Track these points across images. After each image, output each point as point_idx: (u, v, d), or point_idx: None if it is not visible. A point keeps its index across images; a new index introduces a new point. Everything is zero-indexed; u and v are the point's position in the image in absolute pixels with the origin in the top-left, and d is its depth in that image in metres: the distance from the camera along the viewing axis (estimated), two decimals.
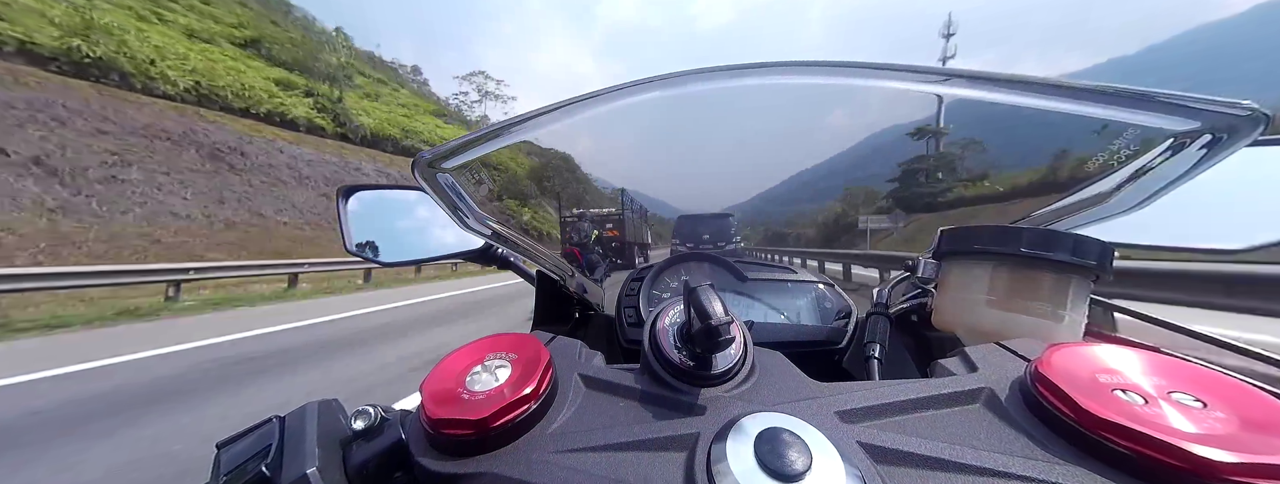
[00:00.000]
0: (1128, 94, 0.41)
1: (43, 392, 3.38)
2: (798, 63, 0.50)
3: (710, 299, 0.30)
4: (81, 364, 4.03)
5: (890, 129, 0.75)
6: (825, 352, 0.67)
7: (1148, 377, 0.28)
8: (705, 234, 1.19)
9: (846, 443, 0.26)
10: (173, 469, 2.29)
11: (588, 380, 0.34)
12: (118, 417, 2.90)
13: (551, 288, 0.78)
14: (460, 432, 0.28)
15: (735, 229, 1.19)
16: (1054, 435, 0.26)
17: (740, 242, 1.16)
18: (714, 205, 1.17)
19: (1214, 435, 0.23)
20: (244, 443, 0.32)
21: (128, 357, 4.27)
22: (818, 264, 1.07)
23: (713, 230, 1.19)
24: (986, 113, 0.56)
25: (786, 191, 1.01)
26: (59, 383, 3.60)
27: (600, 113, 0.54)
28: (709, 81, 0.53)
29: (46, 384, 3.56)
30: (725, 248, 1.10)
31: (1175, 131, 0.44)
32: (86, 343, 4.88)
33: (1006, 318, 0.46)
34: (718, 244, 1.10)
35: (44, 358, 4.18)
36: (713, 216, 1.27)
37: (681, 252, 0.88)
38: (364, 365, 4.08)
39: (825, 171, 0.93)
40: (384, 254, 0.78)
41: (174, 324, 6.01)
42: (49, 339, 5.14)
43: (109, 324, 5.94)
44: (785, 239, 1.20)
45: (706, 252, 0.88)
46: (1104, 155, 0.52)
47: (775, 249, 1.19)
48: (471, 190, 0.61)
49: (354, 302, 8.13)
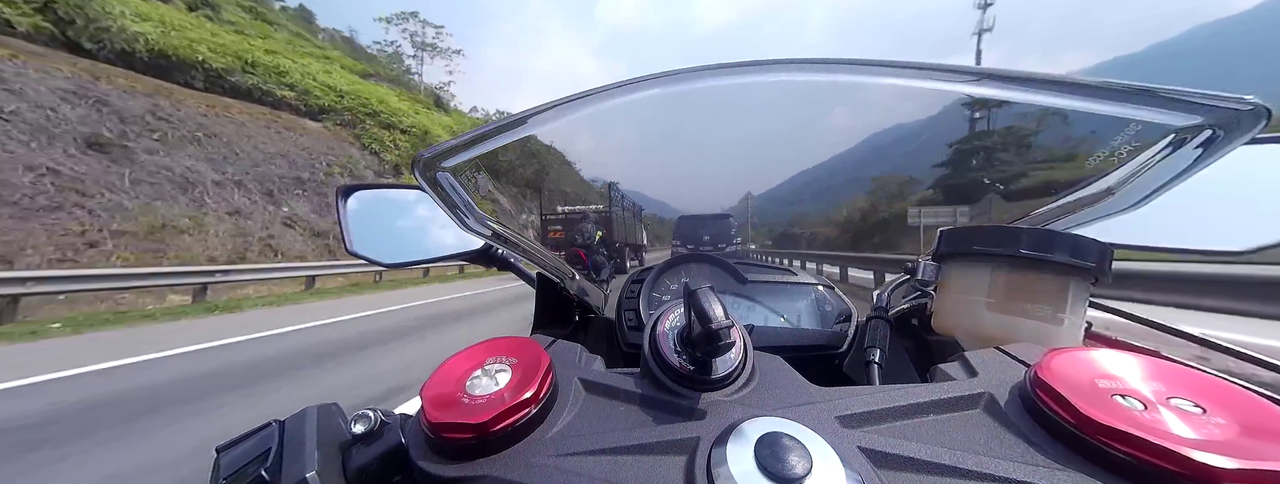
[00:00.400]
0: (1127, 89, 0.41)
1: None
2: (797, 60, 0.50)
3: (710, 302, 0.30)
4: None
5: (892, 128, 0.74)
6: (825, 356, 0.67)
7: (1147, 382, 0.28)
8: (705, 235, 1.18)
9: (847, 448, 0.26)
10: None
11: (588, 384, 0.34)
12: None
13: (552, 290, 0.78)
14: (460, 435, 0.28)
15: (735, 230, 1.19)
16: (1054, 441, 0.26)
17: (740, 242, 1.15)
18: (714, 205, 1.17)
19: (1213, 441, 0.23)
20: (243, 447, 0.32)
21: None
22: (840, 270, 1.04)
23: (713, 231, 1.19)
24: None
25: (789, 191, 1.00)
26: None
27: (601, 110, 0.54)
28: (711, 79, 0.53)
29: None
30: (725, 249, 1.10)
31: (1175, 127, 0.44)
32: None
33: (1006, 321, 0.46)
34: (718, 245, 1.10)
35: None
36: (712, 217, 1.27)
37: (682, 253, 0.87)
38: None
39: (826, 171, 0.91)
40: (385, 255, 0.78)
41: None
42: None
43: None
44: (796, 241, 1.19)
45: (706, 253, 0.87)
46: (1103, 152, 0.52)
47: (781, 251, 1.18)
48: (471, 190, 0.61)
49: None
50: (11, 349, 4.68)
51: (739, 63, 0.51)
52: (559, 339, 0.40)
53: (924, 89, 0.50)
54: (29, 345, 4.86)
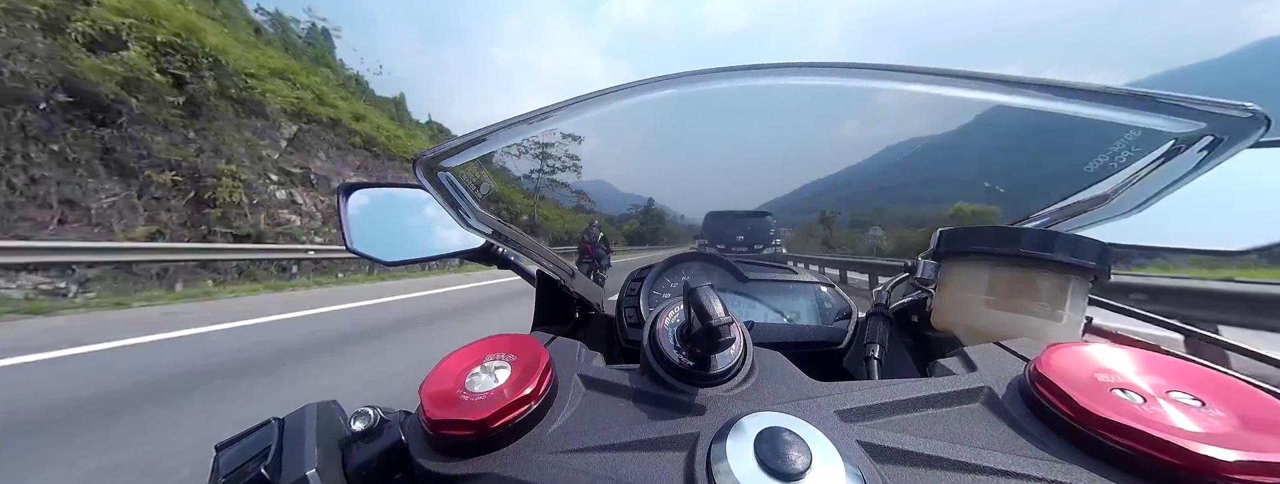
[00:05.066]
0: (1130, 95, 0.41)
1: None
2: (808, 64, 0.50)
3: (710, 299, 0.30)
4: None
5: (907, 141, 0.73)
6: (825, 352, 0.67)
7: (1146, 376, 0.28)
8: (738, 235, 1.08)
9: (846, 442, 0.26)
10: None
11: (587, 381, 0.34)
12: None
13: (552, 287, 0.78)
14: (460, 432, 0.28)
15: (774, 230, 1.10)
16: (1053, 434, 0.26)
17: (780, 245, 1.06)
18: (713, 207, 1.13)
19: (1213, 433, 0.23)
20: (243, 444, 0.32)
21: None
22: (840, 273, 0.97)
23: (747, 230, 1.08)
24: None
25: (799, 201, 0.95)
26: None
27: (606, 112, 0.54)
28: (720, 81, 0.53)
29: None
30: (762, 252, 1.01)
31: (1177, 133, 0.44)
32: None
33: (1006, 318, 0.46)
34: (754, 247, 1.00)
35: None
36: (748, 215, 1.16)
37: (709, 253, 0.84)
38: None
39: (840, 181, 0.88)
40: (386, 253, 0.78)
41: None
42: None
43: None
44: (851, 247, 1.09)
45: (739, 255, 0.83)
46: (1104, 157, 0.52)
47: (823, 259, 1.11)
48: (473, 189, 0.61)
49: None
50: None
51: (747, 66, 0.51)
52: (559, 336, 0.40)
53: (931, 94, 0.50)
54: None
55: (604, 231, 7.83)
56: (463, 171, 0.58)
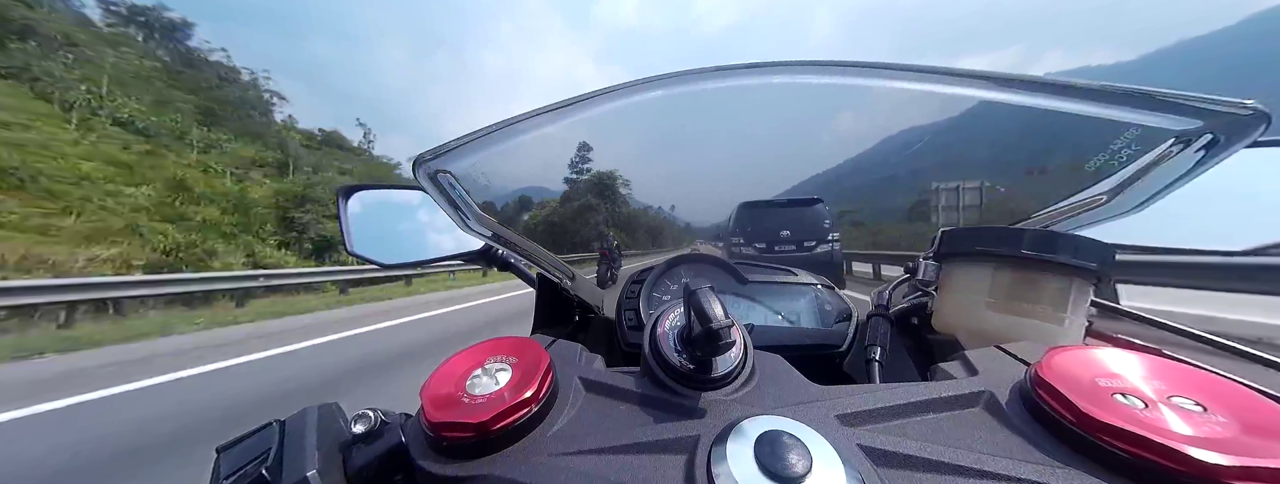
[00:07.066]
0: (1130, 93, 0.41)
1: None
2: (800, 63, 0.50)
3: (710, 302, 0.30)
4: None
5: (904, 131, 0.74)
6: (825, 355, 0.67)
7: (1148, 380, 0.28)
8: (782, 229, 0.98)
9: (846, 446, 0.26)
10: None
11: (588, 383, 0.34)
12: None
13: (552, 290, 0.78)
14: (460, 435, 0.28)
15: (830, 221, 1.00)
16: (1054, 439, 0.26)
17: (837, 239, 0.98)
18: (713, 208, 1.13)
19: (1214, 439, 0.23)
20: (244, 446, 0.32)
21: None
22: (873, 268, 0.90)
23: (793, 223, 0.96)
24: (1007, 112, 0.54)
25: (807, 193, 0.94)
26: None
27: (603, 112, 0.54)
28: (717, 80, 0.53)
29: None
30: (814, 250, 0.93)
31: (1177, 131, 0.44)
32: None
33: (1007, 320, 0.46)
34: (804, 244, 0.90)
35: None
36: (791, 204, 1.06)
37: (747, 253, 0.79)
38: None
39: (837, 175, 0.89)
40: (386, 255, 0.78)
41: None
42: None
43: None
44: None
45: (781, 254, 0.81)
46: (1104, 156, 0.52)
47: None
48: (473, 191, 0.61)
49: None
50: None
51: (741, 65, 0.51)
52: (559, 339, 0.40)
53: (925, 92, 0.50)
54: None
55: (618, 240, 9.73)
56: (462, 173, 0.58)
